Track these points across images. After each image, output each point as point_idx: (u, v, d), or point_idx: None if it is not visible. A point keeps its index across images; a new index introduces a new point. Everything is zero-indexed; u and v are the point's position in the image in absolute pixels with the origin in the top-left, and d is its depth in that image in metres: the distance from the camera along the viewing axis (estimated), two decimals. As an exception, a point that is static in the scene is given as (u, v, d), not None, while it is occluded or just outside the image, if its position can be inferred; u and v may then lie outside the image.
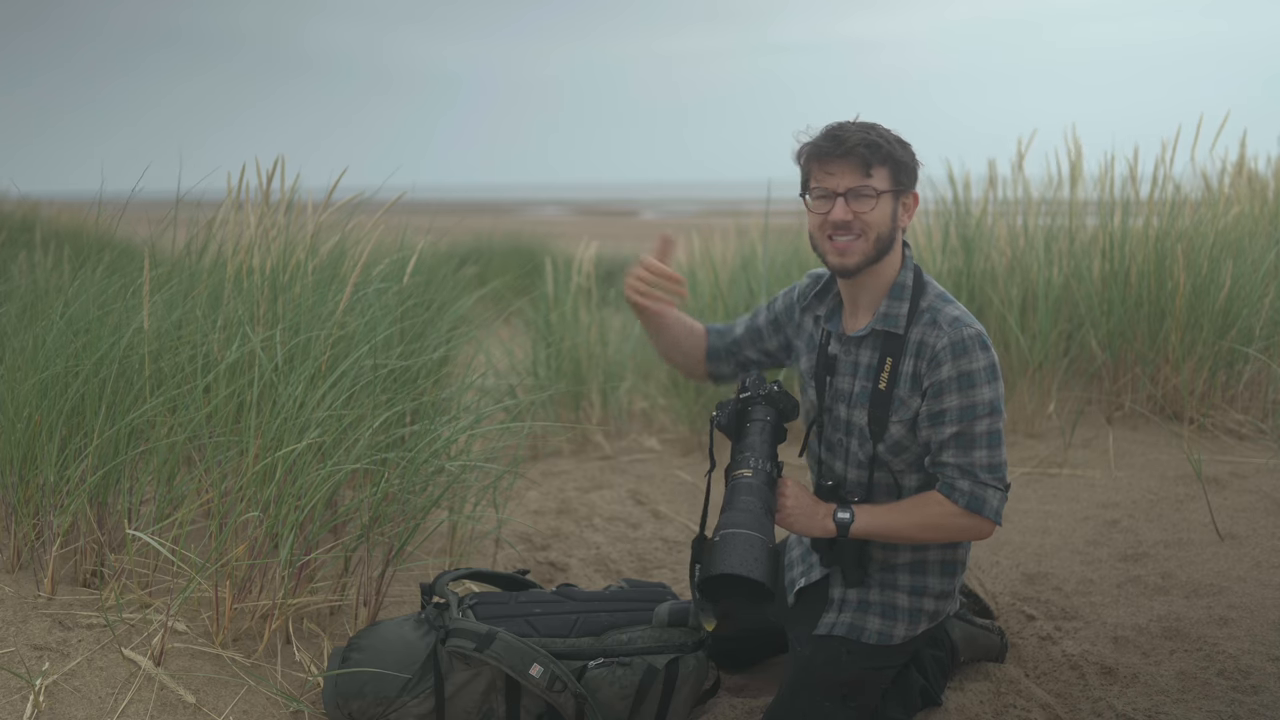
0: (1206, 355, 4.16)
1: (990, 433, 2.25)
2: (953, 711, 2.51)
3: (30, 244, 5.34)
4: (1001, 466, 2.27)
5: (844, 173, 2.25)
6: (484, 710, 2.34)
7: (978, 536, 2.30)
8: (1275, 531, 3.22)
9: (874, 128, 2.27)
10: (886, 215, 2.27)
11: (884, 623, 2.37)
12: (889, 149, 2.25)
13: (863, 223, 2.26)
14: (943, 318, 2.28)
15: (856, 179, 2.25)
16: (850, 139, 2.24)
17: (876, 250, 2.29)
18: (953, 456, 2.26)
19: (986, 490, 2.25)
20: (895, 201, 2.28)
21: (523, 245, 11.34)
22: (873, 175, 2.25)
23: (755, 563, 2.08)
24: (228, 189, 3.18)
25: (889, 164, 2.26)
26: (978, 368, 2.24)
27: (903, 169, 2.28)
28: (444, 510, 3.12)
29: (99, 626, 2.36)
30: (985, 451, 2.25)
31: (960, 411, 2.24)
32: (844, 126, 2.27)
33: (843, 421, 2.39)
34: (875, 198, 2.25)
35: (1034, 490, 3.75)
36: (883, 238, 2.28)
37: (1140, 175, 4.67)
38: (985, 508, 2.25)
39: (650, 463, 4.45)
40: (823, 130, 2.29)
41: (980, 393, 2.24)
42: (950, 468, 2.26)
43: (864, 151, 2.23)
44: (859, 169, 2.24)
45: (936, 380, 2.26)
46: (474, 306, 5.52)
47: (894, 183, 2.27)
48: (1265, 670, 2.55)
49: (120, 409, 2.61)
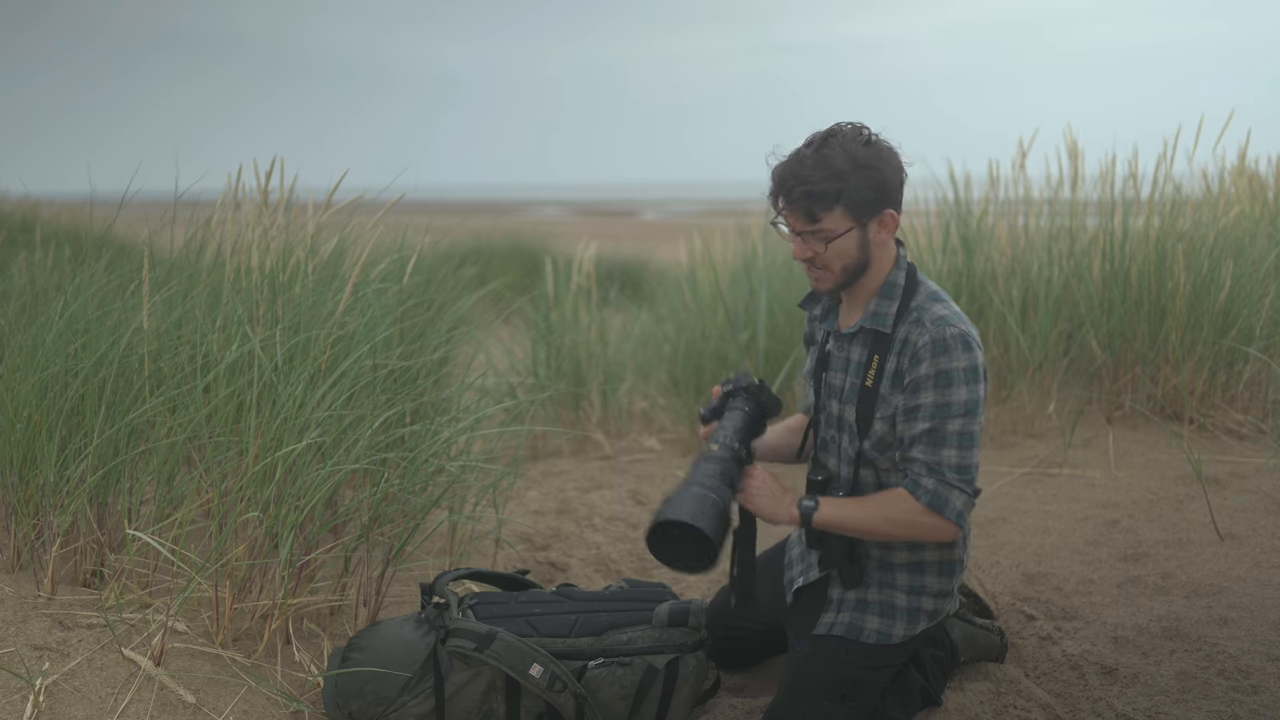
0: (1206, 355, 4.16)
1: (963, 433, 2.23)
2: (953, 711, 2.51)
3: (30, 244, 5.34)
4: (971, 469, 2.24)
5: (792, 217, 2.26)
6: (484, 710, 2.34)
7: (939, 538, 2.26)
8: (1275, 531, 3.22)
9: (827, 162, 2.20)
10: (851, 248, 2.25)
11: (883, 622, 2.37)
12: (836, 189, 2.19)
13: (823, 259, 2.26)
14: (928, 316, 2.28)
15: (802, 225, 2.24)
16: (794, 191, 2.21)
17: (846, 277, 2.29)
18: (921, 453, 2.24)
19: (951, 491, 2.22)
20: (861, 232, 2.25)
21: (523, 245, 11.34)
22: (821, 220, 2.22)
23: (702, 515, 2.09)
24: (226, 189, 3.19)
25: (842, 203, 2.21)
26: (956, 367, 2.23)
27: (862, 203, 2.22)
28: (444, 510, 3.13)
29: (99, 626, 2.36)
30: (955, 451, 2.23)
31: (934, 409, 2.23)
32: (792, 168, 2.22)
33: (835, 417, 2.40)
34: (831, 239, 2.24)
35: (1034, 490, 3.75)
36: (850, 267, 2.27)
37: (1141, 175, 4.67)
38: (947, 508, 2.22)
39: (650, 463, 4.45)
40: (784, 159, 2.26)
41: (956, 392, 2.22)
42: (918, 464, 2.25)
43: (805, 204, 2.21)
44: (803, 218, 2.24)
45: (915, 376, 2.25)
46: (474, 306, 5.53)
47: (854, 218, 2.23)
48: (1265, 670, 2.55)
49: (120, 409, 2.61)
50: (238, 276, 3.07)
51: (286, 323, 2.82)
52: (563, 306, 5.05)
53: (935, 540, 2.28)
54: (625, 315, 5.86)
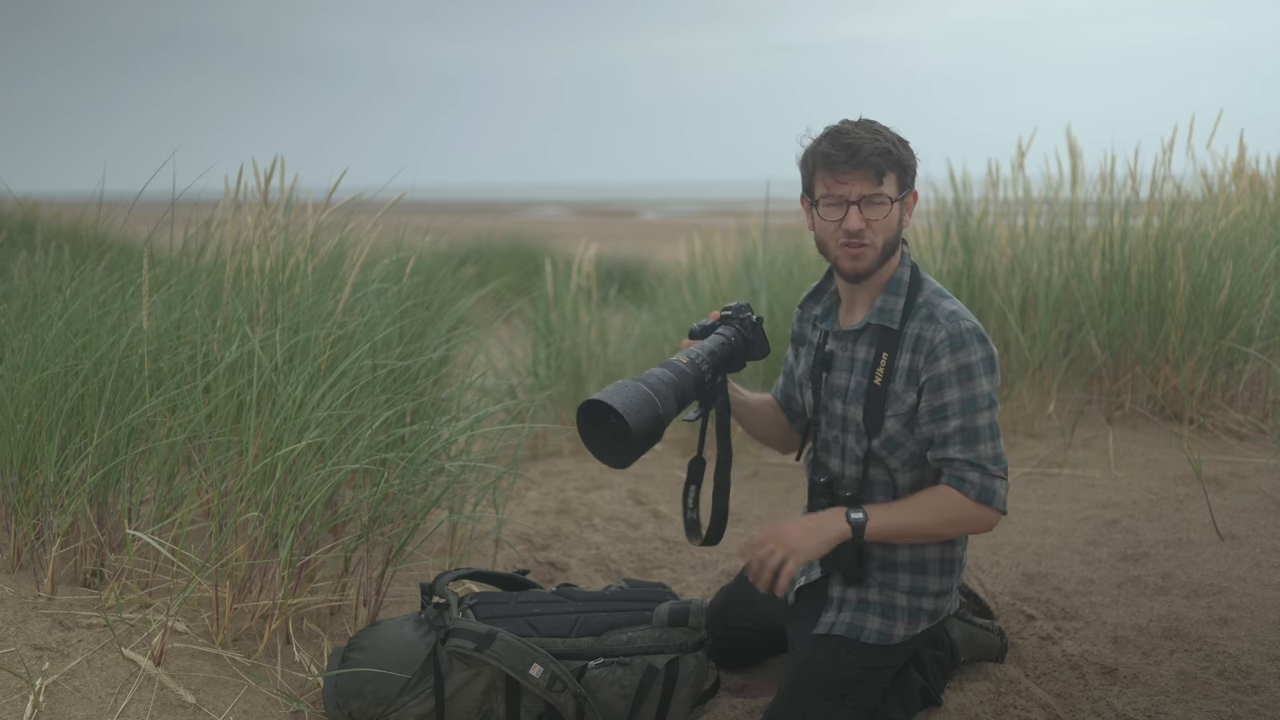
0: (1206, 355, 4.16)
1: (991, 424, 2.29)
2: (953, 711, 2.51)
3: (30, 244, 5.33)
4: (1004, 457, 2.31)
5: (856, 181, 2.25)
6: (484, 710, 2.34)
7: (986, 528, 2.32)
8: (1275, 531, 3.22)
9: (880, 131, 2.27)
10: (895, 220, 2.29)
11: (884, 622, 2.37)
12: (897, 155, 2.26)
13: (874, 230, 2.27)
14: (939, 312, 2.29)
15: (870, 188, 2.25)
16: (864, 148, 2.23)
17: (884, 254, 2.31)
18: (959, 451, 2.27)
19: (995, 481, 2.27)
20: (901, 206, 2.30)
21: (523, 245, 11.34)
22: (884, 183, 2.26)
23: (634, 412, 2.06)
24: (225, 189, 3.18)
25: (897, 170, 2.27)
26: (976, 360, 2.26)
27: (907, 172, 2.30)
28: (444, 510, 3.12)
29: (99, 626, 2.36)
30: (989, 444, 2.28)
31: (962, 405, 2.26)
32: (853, 134, 2.25)
33: (839, 418, 2.40)
34: (888, 205, 2.26)
35: (1034, 490, 3.75)
36: (890, 242, 2.30)
37: (1140, 175, 4.67)
38: (995, 498, 2.28)
39: (650, 463, 4.45)
40: (827, 134, 2.28)
41: (979, 384, 2.26)
42: (958, 463, 2.28)
43: (878, 160, 2.23)
44: (872, 178, 2.25)
45: (935, 374, 2.26)
46: (474, 306, 5.53)
47: (901, 188, 2.29)
48: (1265, 670, 2.55)
49: (120, 409, 2.61)
50: (237, 276, 3.07)
51: (286, 323, 2.82)
52: (563, 306, 5.05)
53: (983, 530, 2.32)
54: (625, 315, 5.85)
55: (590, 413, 2.11)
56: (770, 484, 4.15)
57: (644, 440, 2.09)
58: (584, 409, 2.11)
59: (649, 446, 2.11)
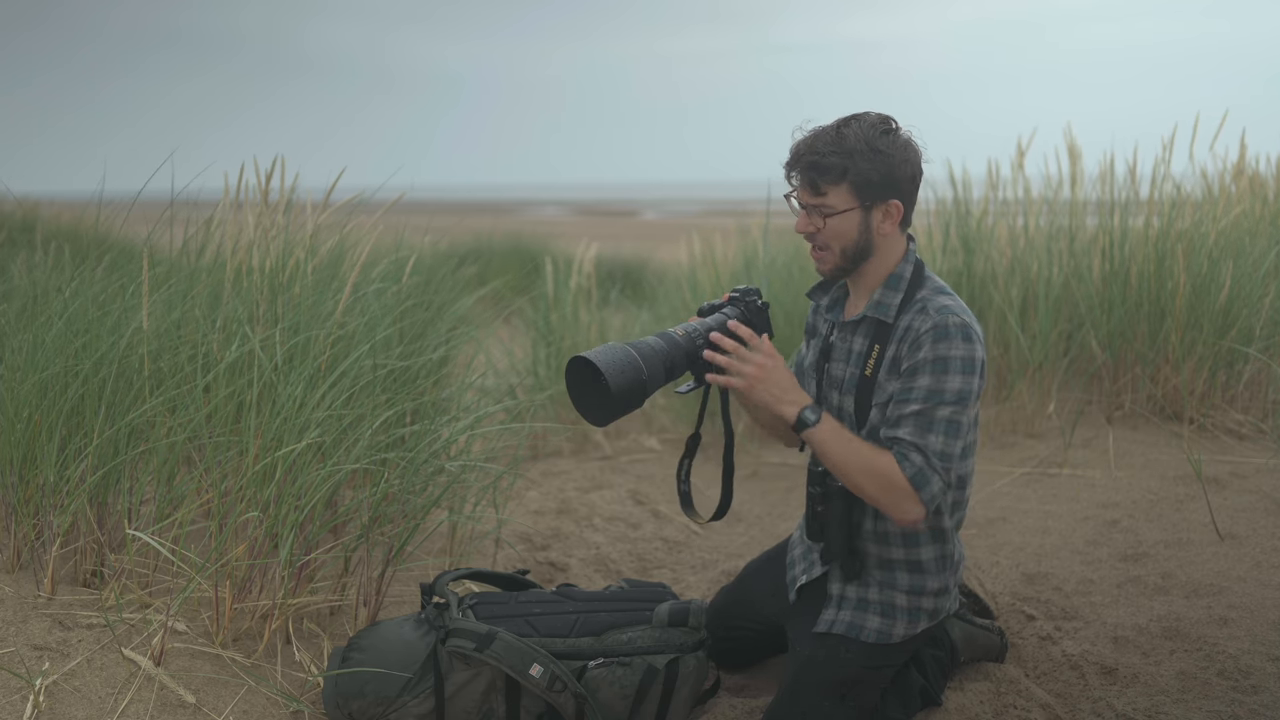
0: (1206, 355, 4.16)
1: (950, 421, 2.22)
2: (953, 711, 2.51)
3: (30, 244, 5.33)
4: (953, 459, 2.23)
5: (801, 189, 2.29)
6: (484, 710, 2.34)
7: (903, 515, 2.22)
8: (1275, 531, 3.22)
9: (842, 140, 2.23)
10: (851, 229, 2.27)
11: (883, 622, 2.37)
12: (846, 165, 2.22)
13: (824, 237, 2.28)
14: (932, 305, 2.28)
15: (807, 197, 2.28)
16: (803, 159, 2.25)
17: (846, 261, 2.31)
18: (909, 434, 2.23)
19: (933, 475, 2.21)
20: (865, 215, 2.27)
21: (523, 245, 11.34)
22: (826, 194, 2.25)
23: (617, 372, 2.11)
24: (225, 189, 3.18)
25: (848, 181, 2.23)
26: (954, 355, 2.23)
27: (866, 186, 2.24)
28: (444, 510, 3.12)
29: (99, 626, 2.36)
30: (941, 438, 2.22)
31: (927, 393, 2.22)
32: (810, 140, 2.26)
33: (834, 409, 2.40)
34: (832, 216, 2.26)
35: (1034, 490, 3.75)
36: (849, 250, 2.29)
37: (1140, 175, 4.67)
38: (925, 489, 2.21)
39: (650, 463, 4.45)
40: (805, 134, 2.29)
41: (951, 380, 2.22)
42: (905, 443, 2.23)
43: (810, 175, 2.25)
44: (807, 189, 2.27)
45: (914, 361, 2.25)
46: (474, 306, 5.52)
47: (858, 198, 2.25)
48: (1265, 670, 2.55)
49: (120, 409, 2.61)
50: (238, 276, 3.07)
51: (286, 322, 2.83)
52: (563, 306, 5.05)
53: (896, 517, 2.24)
54: (625, 315, 5.85)
55: (577, 368, 2.17)
56: (770, 484, 4.15)
57: (624, 400, 2.13)
58: (571, 364, 2.17)
59: (630, 408, 2.16)
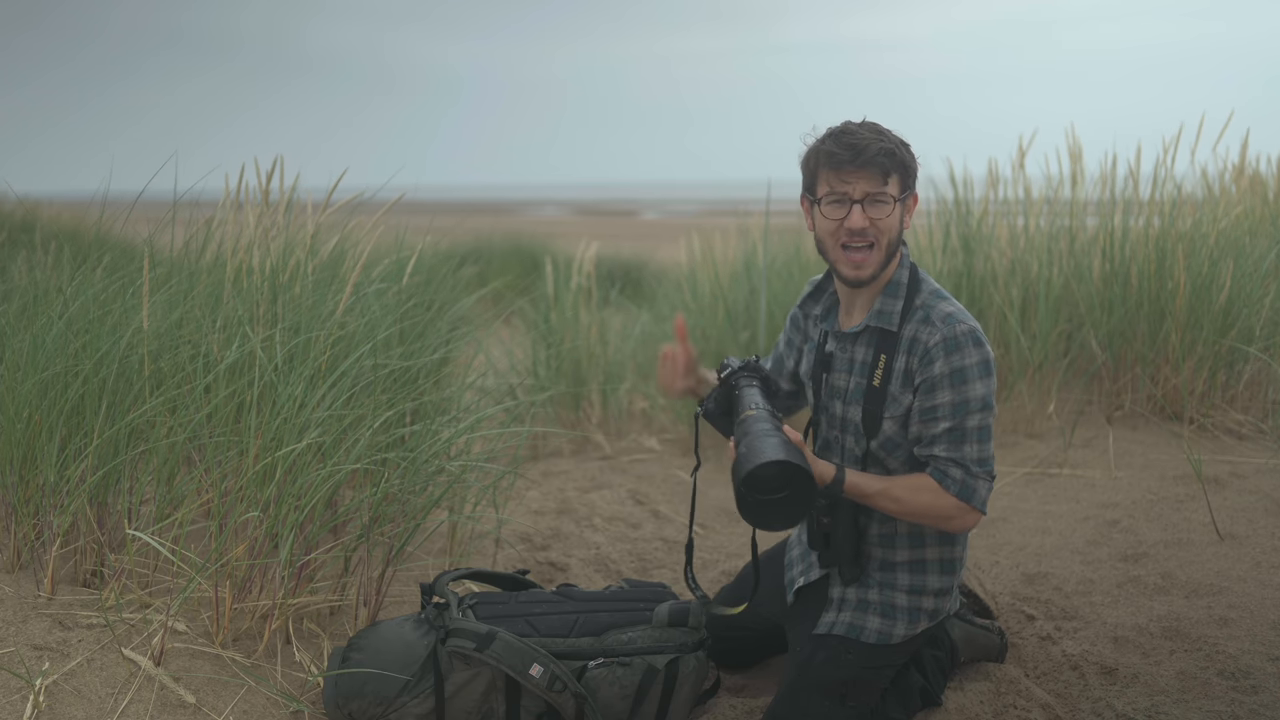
0: (1206, 355, 4.16)
1: (981, 428, 2.28)
2: (953, 711, 2.51)
3: (30, 244, 5.33)
4: (990, 459, 2.30)
5: (861, 180, 2.26)
6: (484, 710, 2.34)
7: (963, 527, 2.31)
8: (1275, 531, 3.22)
9: (884, 133, 2.28)
10: (897, 221, 2.30)
11: (883, 622, 2.37)
12: (901, 156, 2.27)
13: (877, 230, 2.28)
14: (936, 314, 2.29)
15: (874, 186, 2.26)
16: (869, 148, 2.24)
17: (887, 257, 2.32)
18: (944, 450, 2.28)
19: (977, 481, 2.27)
20: (901, 208, 2.31)
21: (523, 245, 11.34)
22: (888, 183, 2.27)
23: (796, 453, 2.01)
24: (226, 189, 3.18)
25: (900, 171, 2.28)
26: (970, 363, 2.26)
27: (909, 174, 2.31)
28: (444, 510, 3.12)
29: (99, 626, 2.36)
30: (976, 446, 2.27)
31: (953, 408, 2.26)
32: (857, 134, 2.27)
33: (838, 418, 2.40)
34: (891, 205, 2.26)
35: (1034, 490, 3.75)
36: (892, 244, 2.31)
37: (1141, 175, 4.67)
38: (974, 497, 2.27)
39: (650, 463, 4.45)
40: (831, 134, 2.29)
41: (972, 388, 2.26)
42: (941, 460, 2.29)
43: (883, 160, 2.25)
44: (877, 178, 2.26)
45: (929, 376, 2.27)
46: (474, 306, 5.53)
47: (903, 188, 2.30)
48: (1265, 670, 2.55)
49: (120, 409, 2.61)
50: (238, 276, 3.07)
51: (287, 323, 2.82)
52: (563, 306, 5.05)
53: (958, 527, 2.31)
54: (625, 315, 5.85)
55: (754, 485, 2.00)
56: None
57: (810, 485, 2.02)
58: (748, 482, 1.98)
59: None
